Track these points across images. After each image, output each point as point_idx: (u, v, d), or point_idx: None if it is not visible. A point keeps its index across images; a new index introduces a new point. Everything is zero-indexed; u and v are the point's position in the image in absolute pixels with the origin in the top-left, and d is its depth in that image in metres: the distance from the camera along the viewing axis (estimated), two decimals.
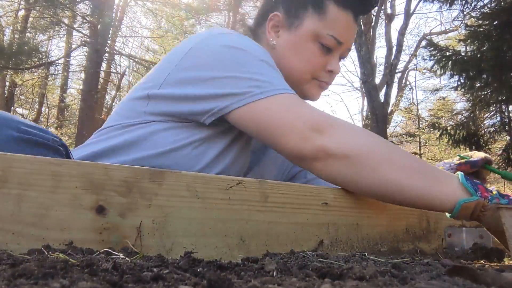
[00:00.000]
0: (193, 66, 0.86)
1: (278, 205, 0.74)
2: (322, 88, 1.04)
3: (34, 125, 0.91)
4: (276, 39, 1.00)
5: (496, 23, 5.26)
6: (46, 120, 13.94)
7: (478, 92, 5.92)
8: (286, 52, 0.99)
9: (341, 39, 0.98)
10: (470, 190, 0.76)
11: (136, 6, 12.56)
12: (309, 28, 0.97)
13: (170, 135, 0.89)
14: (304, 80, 1.00)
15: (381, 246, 0.86)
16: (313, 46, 0.98)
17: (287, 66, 0.98)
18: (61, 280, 0.34)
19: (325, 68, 1.00)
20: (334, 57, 1.00)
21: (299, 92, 1.00)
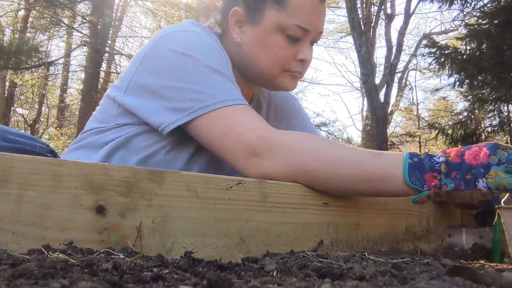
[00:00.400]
0: (145, 73, 0.88)
1: (278, 205, 0.74)
2: (296, 78, 0.99)
3: (21, 133, 0.93)
4: (241, 35, 0.96)
5: (496, 22, 5.26)
6: (46, 120, 13.93)
7: (477, 91, 5.92)
8: (252, 48, 0.95)
9: (308, 27, 0.92)
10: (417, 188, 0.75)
11: (136, 6, 12.56)
12: (272, 21, 0.91)
13: (142, 140, 0.91)
14: (275, 74, 0.96)
15: (381, 246, 0.86)
16: (279, 38, 0.92)
17: (255, 63, 0.96)
18: (61, 280, 0.34)
19: (295, 58, 0.95)
20: (304, 45, 0.95)
21: (272, 86, 1.00)
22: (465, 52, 5.72)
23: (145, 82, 0.88)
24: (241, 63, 0.98)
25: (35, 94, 13.19)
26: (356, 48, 8.63)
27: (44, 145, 0.98)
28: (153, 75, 0.87)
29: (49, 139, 12.98)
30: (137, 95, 0.89)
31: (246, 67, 0.98)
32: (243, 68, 0.99)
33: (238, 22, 0.96)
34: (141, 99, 0.88)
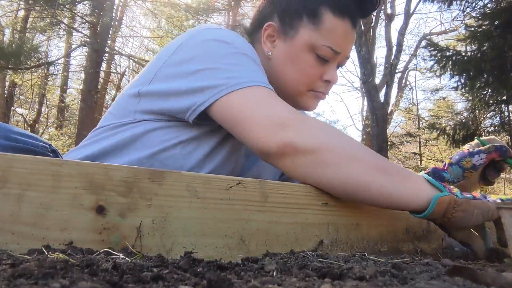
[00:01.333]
0: (179, 61, 0.86)
1: (278, 205, 0.74)
2: (318, 98, 1.01)
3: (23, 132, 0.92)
4: (272, 49, 0.98)
5: (497, 23, 5.26)
6: (46, 120, 13.93)
7: (478, 92, 5.92)
8: (281, 63, 0.97)
9: (338, 49, 0.95)
10: (439, 186, 0.75)
11: (136, 6, 12.57)
12: (304, 39, 0.94)
13: (159, 135, 0.89)
14: (300, 92, 0.98)
15: (381, 246, 0.86)
16: (309, 57, 0.95)
17: (282, 78, 0.97)
18: (61, 280, 0.34)
19: (321, 79, 0.98)
20: (331, 66, 0.97)
21: (294, 104, 1.00)
22: (466, 54, 5.72)
23: (177, 68, 0.85)
24: (268, 78, 0.97)
25: (35, 94, 13.19)
26: (356, 48, 8.63)
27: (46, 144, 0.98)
28: (187, 62, 0.85)
29: (49, 139, 12.98)
30: (167, 80, 0.86)
31: (272, 81, 0.97)
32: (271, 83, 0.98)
33: (270, 36, 0.98)
34: (170, 82, 0.85)
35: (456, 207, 0.73)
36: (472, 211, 0.73)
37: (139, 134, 0.89)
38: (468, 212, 0.73)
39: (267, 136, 0.78)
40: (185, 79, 0.84)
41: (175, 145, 0.88)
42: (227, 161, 0.93)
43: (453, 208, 0.73)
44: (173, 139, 0.88)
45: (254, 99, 0.80)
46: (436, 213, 0.73)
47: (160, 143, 0.88)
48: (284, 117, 0.78)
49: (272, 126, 0.78)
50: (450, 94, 13.81)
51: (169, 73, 0.86)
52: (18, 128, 0.95)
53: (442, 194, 0.73)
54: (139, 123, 0.89)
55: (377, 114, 8.32)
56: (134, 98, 0.90)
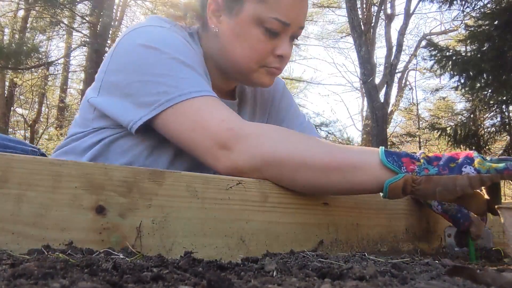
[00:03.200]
0: (114, 70, 0.86)
1: (278, 205, 0.74)
2: (273, 74, 0.95)
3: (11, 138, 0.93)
4: (218, 25, 0.92)
5: (496, 23, 5.26)
6: (46, 120, 13.93)
7: (479, 93, 5.92)
8: (228, 39, 0.91)
9: (288, 20, 0.88)
10: (394, 168, 0.70)
11: (136, 6, 12.56)
12: (250, 12, 0.88)
13: (120, 145, 0.89)
14: (251, 69, 0.93)
15: (381, 246, 0.86)
16: (257, 31, 0.89)
17: (231, 55, 0.92)
18: (61, 280, 0.34)
19: (273, 53, 0.92)
20: (283, 39, 0.91)
21: (248, 81, 0.97)
22: (466, 54, 5.72)
23: (114, 79, 0.86)
24: (218, 56, 0.95)
25: (35, 94, 13.19)
26: (356, 48, 8.63)
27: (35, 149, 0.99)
28: (120, 72, 0.85)
29: (49, 139, 12.98)
30: (109, 94, 0.87)
31: (222, 60, 0.95)
32: (220, 61, 0.96)
33: (216, 11, 0.92)
34: (112, 98, 0.86)
35: (415, 186, 0.69)
36: (433, 189, 0.68)
37: (100, 149, 0.89)
38: (428, 190, 0.69)
39: (213, 162, 0.78)
40: (121, 95, 0.84)
41: (137, 155, 0.88)
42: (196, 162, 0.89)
43: (411, 187, 0.69)
44: (133, 148, 0.88)
45: (188, 120, 0.79)
46: (394, 195, 0.71)
47: (122, 155, 0.88)
48: (222, 138, 0.77)
49: (213, 150, 0.77)
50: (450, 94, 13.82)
51: (109, 84, 0.87)
52: (6, 135, 0.97)
53: (393, 180, 0.69)
54: (97, 132, 0.90)
55: (377, 114, 8.32)
56: (90, 107, 0.91)
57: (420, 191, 0.69)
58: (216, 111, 0.80)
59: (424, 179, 0.68)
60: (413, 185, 0.69)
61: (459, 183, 0.67)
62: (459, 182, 0.67)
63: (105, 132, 0.90)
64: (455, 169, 0.68)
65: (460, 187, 0.66)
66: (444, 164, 0.69)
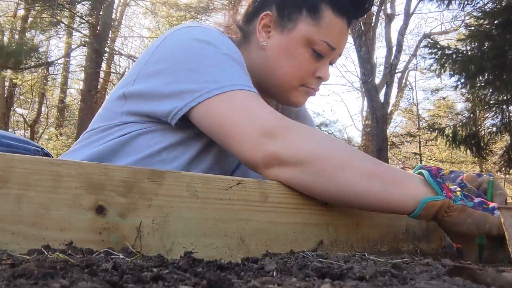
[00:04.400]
0: (160, 59, 0.85)
1: (278, 205, 0.74)
2: (309, 94, 1.00)
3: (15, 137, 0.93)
4: (267, 40, 0.96)
5: (497, 22, 5.26)
6: (46, 120, 13.93)
7: (479, 92, 5.92)
8: (276, 54, 0.95)
9: (335, 45, 0.95)
10: (436, 188, 0.72)
11: (136, 6, 12.57)
12: (303, 33, 0.93)
13: (145, 139, 0.87)
14: (292, 86, 0.97)
15: (381, 246, 0.86)
16: (305, 51, 0.94)
17: (275, 70, 0.95)
18: (61, 280, 0.34)
19: (314, 74, 0.97)
20: (325, 63, 0.97)
21: (284, 98, 1.00)
22: (466, 53, 5.71)
23: (157, 67, 0.84)
24: (260, 70, 0.97)
25: (34, 94, 13.19)
26: (356, 48, 8.63)
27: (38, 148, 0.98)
28: (165, 60, 0.83)
29: (49, 139, 12.98)
30: (148, 79, 0.85)
31: (264, 74, 0.97)
32: (261, 75, 0.97)
33: (266, 27, 0.96)
34: (151, 81, 0.84)
35: (449, 212, 0.71)
36: (464, 219, 0.71)
37: (125, 139, 0.87)
38: (459, 219, 0.71)
39: (252, 148, 0.75)
40: (164, 79, 0.82)
41: (161, 150, 0.87)
42: (215, 164, 0.91)
43: (445, 213, 0.71)
44: (158, 143, 0.87)
45: (236, 106, 0.78)
46: (424, 215, 0.72)
47: (146, 148, 0.87)
48: (269, 126, 0.75)
49: (256, 136, 0.75)
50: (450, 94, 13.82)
51: (150, 72, 0.85)
52: (10, 133, 0.96)
53: (432, 198, 0.71)
54: (125, 126, 0.88)
55: (377, 114, 8.32)
56: (120, 99, 0.90)
57: (452, 218, 0.71)
58: (264, 105, 0.79)
59: (460, 208, 0.71)
60: (447, 211, 0.71)
61: (490, 221, 0.70)
62: (491, 220, 0.70)
63: (134, 125, 0.88)
64: (488, 209, 0.71)
65: (490, 225, 0.70)
66: (479, 204, 0.72)
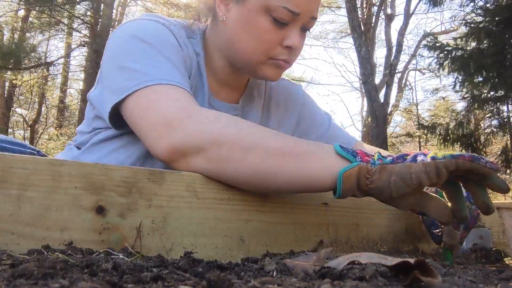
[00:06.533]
0: (103, 62, 0.87)
1: (278, 205, 0.74)
2: (281, 67, 0.90)
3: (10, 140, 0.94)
4: (226, 13, 0.88)
5: (497, 20, 5.25)
6: (46, 120, 13.93)
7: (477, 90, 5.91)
8: (235, 28, 0.87)
9: (297, 9, 0.83)
10: (348, 157, 0.65)
11: (136, 6, 12.57)
12: (258, 1, 0.83)
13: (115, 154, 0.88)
14: (258, 60, 0.88)
15: (381, 246, 0.86)
16: (265, 20, 0.84)
17: (238, 45, 0.88)
18: (61, 280, 0.34)
19: (281, 44, 0.87)
20: (292, 30, 0.86)
21: (255, 73, 0.92)
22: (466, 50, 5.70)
23: (101, 70, 0.87)
24: (225, 46, 0.92)
25: (34, 95, 13.19)
26: (356, 48, 8.63)
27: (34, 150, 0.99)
28: (105, 62, 0.86)
29: (49, 139, 12.98)
30: (98, 86, 0.88)
31: (229, 50, 0.91)
32: (227, 52, 0.93)
33: (225, 0, 0.88)
34: (98, 89, 0.87)
35: (370, 177, 0.63)
36: (387, 179, 0.62)
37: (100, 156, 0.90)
38: (382, 181, 0.62)
39: (154, 143, 0.73)
40: (102, 84, 0.86)
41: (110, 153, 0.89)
42: None
43: (366, 179, 0.63)
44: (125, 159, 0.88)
45: (145, 101, 0.75)
46: (349, 189, 0.64)
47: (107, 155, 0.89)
48: (169, 117, 0.72)
49: (158, 129, 0.72)
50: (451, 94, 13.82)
51: (99, 77, 0.88)
52: (5, 136, 0.97)
53: (347, 167, 0.64)
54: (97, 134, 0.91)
55: (377, 114, 8.32)
56: (90, 105, 0.93)
57: (375, 183, 0.63)
58: (176, 95, 0.76)
59: (378, 168, 0.63)
60: (367, 176, 0.63)
61: (414, 170, 0.61)
62: (414, 169, 0.61)
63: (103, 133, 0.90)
64: (409, 159, 0.64)
65: (415, 175, 0.61)
66: (398, 157, 0.65)
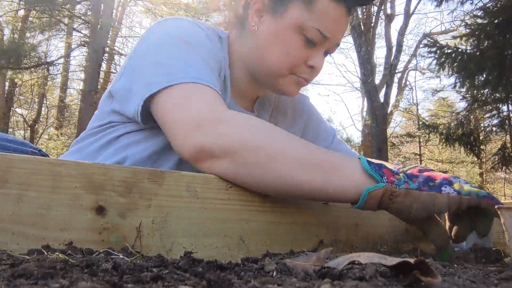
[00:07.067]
0: (135, 55, 0.87)
1: (278, 205, 0.74)
2: (300, 84, 0.95)
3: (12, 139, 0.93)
4: (258, 24, 0.91)
5: (496, 21, 5.25)
6: (46, 120, 13.93)
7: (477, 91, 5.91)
8: (266, 39, 0.90)
9: (328, 34, 0.88)
10: (375, 176, 0.67)
11: (136, 6, 12.57)
12: (294, 18, 0.87)
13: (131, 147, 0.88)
14: (281, 73, 0.91)
15: (381, 246, 0.86)
16: (296, 38, 0.88)
17: (265, 55, 0.91)
18: (61, 280, 0.34)
19: (306, 63, 0.91)
20: (318, 52, 0.91)
21: (273, 86, 0.95)
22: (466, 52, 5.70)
23: (132, 63, 0.86)
24: (250, 55, 0.94)
25: (34, 94, 13.19)
26: (356, 48, 8.64)
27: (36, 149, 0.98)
28: (138, 56, 0.86)
29: (49, 139, 12.98)
30: (125, 78, 0.87)
31: (254, 60, 0.94)
32: (251, 61, 0.95)
33: (259, 11, 0.92)
34: (125, 78, 0.86)
35: (393, 198, 0.65)
36: (410, 204, 0.65)
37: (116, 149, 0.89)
38: (404, 205, 0.65)
39: (181, 140, 0.73)
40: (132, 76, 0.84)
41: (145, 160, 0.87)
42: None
43: (388, 200, 0.66)
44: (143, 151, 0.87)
45: (176, 99, 0.75)
46: (369, 205, 0.67)
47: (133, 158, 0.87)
48: (200, 117, 0.72)
49: (186, 128, 0.72)
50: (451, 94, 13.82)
51: (128, 70, 0.87)
52: (7, 135, 0.97)
53: (374, 188, 0.66)
54: (114, 129, 0.90)
55: (377, 114, 8.33)
56: (109, 98, 0.91)
57: (397, 204, 0.66)
58: (209, 96, 0.76)
59: (403, 192, 0.65)
60: (391, 197, 0.66)
61: (438, 201, 0.64)
62: (438, 200, 0.64)
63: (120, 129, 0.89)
64: (434, 187, 0.66)
65: (438, 206, 0.64)
66: (424, 182, 0.67)
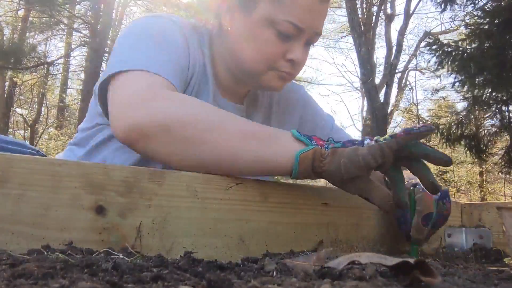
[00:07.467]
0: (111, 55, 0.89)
1: (278, 205, 0.74)
2: (284, 79, 0.91)
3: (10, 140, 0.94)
4: (231, 23, 0.89)
5: (497, 21, 5.25)
6: (46, 120, 13.93)
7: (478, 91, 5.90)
8: (237, 39, 0.88)
9: (301, 25, 0.84)
10: (305, 140, 0.69)
11: (136, 6, 12.57)
12: (263, 13, 0.84)
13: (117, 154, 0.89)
14: (259, 70, 0.89)
15: (381, 246, 0.86)
16: (269, 33, 0.84)
17: (238, 55, 0.89)
18: (61, 280, 0.34)
19: (284, 57, 0.87)
20: (296, 44, 0.87)
21: (257, 84, 0.93)
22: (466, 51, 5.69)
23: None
24: (227, 56, 0.93)
25: (34, 94, 13.19)
26: (356, 48, 8.64)
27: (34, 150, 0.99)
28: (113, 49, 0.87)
29: (49, 139, 12.98)
30: None
31: (232, 60, 0.92)
32: (229, 62, 0.93)
33: (230, 10, 0.89)
34: None
35: (323, 159, 0.67)
36: (338, 162, 0.66)
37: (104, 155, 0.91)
38: (334, 164, 0.66)
39: (115, 122, 0.72)
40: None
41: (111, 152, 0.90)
42: None
43: (320, 162, 0.67)
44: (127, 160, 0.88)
45: (118, 83, 0.75)
46: (304, 170, 0.68)
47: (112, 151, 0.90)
48: (134, 96, 0.71)
49: (119, 108, 0.72)
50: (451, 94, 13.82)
51: None
52: (4, 136, 0.97)
53: (303, 150, 0.68)
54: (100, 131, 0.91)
55: (377, 114, 8.32)
56: (95, 97, 0.90)
57: (328, 166, 0.67)
58: (153, 80, 0.75)
59: (330, 152, 0.67)
60: (321, 159, 0.67)
61: (361, 153, 0.66)
62: (361, 152, 0.66)
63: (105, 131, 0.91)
64: (358, 143, 0.69)
65: (362, 157, 0.66)
66: (348, 141, 0.70)
